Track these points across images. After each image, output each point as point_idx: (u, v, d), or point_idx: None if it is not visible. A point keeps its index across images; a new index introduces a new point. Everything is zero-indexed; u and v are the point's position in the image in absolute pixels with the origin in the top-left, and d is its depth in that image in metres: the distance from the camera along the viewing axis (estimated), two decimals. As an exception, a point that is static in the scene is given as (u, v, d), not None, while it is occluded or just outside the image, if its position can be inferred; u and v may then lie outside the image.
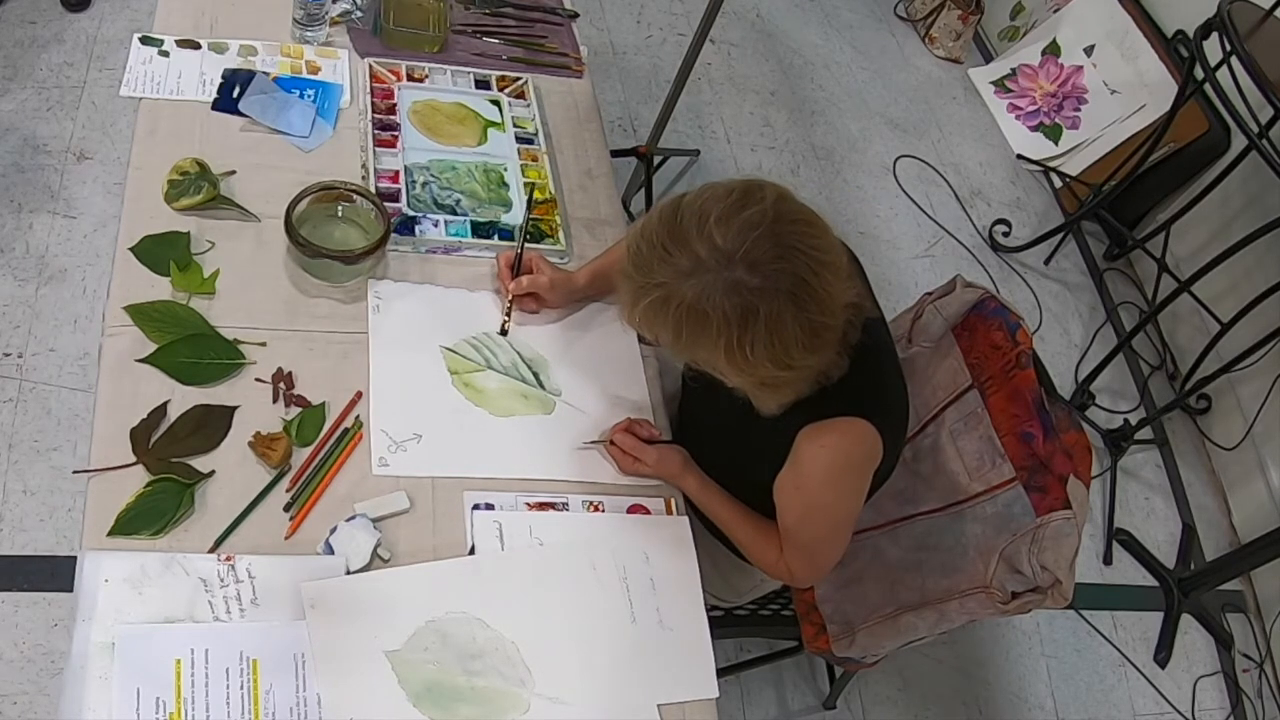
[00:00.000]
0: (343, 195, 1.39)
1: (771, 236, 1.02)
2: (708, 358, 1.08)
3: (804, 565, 1.31)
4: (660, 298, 1.04)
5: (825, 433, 1.17)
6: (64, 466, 1.86)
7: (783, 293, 1.02)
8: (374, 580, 1.14)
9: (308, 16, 1.60)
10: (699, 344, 1.06)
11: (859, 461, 1.20)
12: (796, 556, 1.30)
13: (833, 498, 1.23)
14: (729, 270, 1.01)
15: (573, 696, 1.13)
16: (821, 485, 1.21)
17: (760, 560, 1.35)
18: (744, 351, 1.03)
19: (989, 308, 1.40)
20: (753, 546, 1.34)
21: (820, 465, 1.19)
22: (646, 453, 1.30)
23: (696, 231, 1.03)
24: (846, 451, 1.19)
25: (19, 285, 2.06)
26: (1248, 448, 2.66)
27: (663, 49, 3.16)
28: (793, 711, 2.00)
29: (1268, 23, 2.21)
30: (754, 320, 1.02)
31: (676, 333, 1.06)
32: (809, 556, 1.30)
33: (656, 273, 1.05)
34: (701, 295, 1.02)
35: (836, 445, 1.18)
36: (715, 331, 1.03)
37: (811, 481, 1.21)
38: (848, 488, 1.22)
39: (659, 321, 1.06)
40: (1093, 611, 2.39)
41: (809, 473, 1.20)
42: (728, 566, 1.52)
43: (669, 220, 1.06)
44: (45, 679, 1.64)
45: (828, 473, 1.20)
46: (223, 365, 1.24)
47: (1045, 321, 2.95)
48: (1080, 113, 3.28)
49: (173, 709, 1.00)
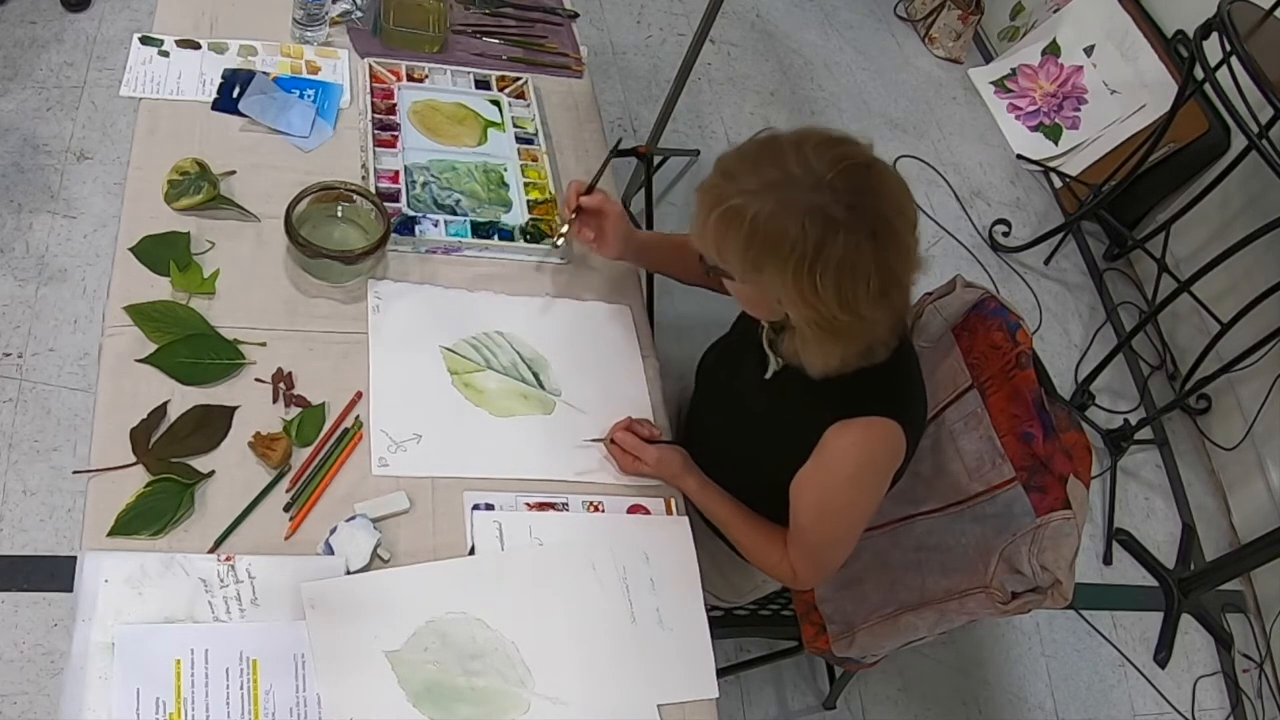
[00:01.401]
0: (343, 195, 1.39)
1: (865, 173, 1.02)
2: (772, 282, 1.04)
3: (809, 566, 1.30)
4: (738, 205, 1.01)
5: (855, 429, 1.17)
6: (64, 466, 1.86)
7: (865, 230, 1.00)
8: (374, 580, 1.14)
9: (308, 16, 1.61)
10: (767, 261, 1.02)
11: (884, 461, 1.20)
12: (803, 557, 1.29)
13: (853, 497, 1.22)
14: (817, 192, 0.99)
15: (573, 696, 1.13)
16: (845, 483, 1.20)
17: (762, 561, 1.35)
18: (813, 279, 1.00)
19: (989, 308, 1.40)
20: (754, 548, 1.34)
21: (848, 462, 1.18)
22: (647, 452, 1.30)
23: (793, 151, 1.02)
24: (874, 451, 1.18)
25: (19, 285, 2.06)
26: (1248, 448, 2.66)
27: (663, 49, 3.16)
28: (793, 711, 2.00)
29: (1268, 23, 2.21)
30: (831, 247, 0.99)
31: (746, 245, 1.02)
32: (816, 557, 1.29)
33: (741, 179, 1.02)
34: (782, 209, 0.99)
35: (865, 443, 1.17)
36: (789, 249, 1.00)
37: (836, 479, 1.20)
38: (869, 488, 1.22)
39: (731, 231, 1.03)
40: (1093, 611, 2.39)
41: (835, 470, 1.19)
42: (729, 566, 1.52)
43: (765, 139, 1.05)
44: (45, 679, 1.64)
45: (854, 470, 1.19)
46: (223, 365, 1.24)
47: (1045, 321, 2.95)
48: (1080, 113, 3.28)
49: (173, 709, 1.00)
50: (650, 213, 2.42)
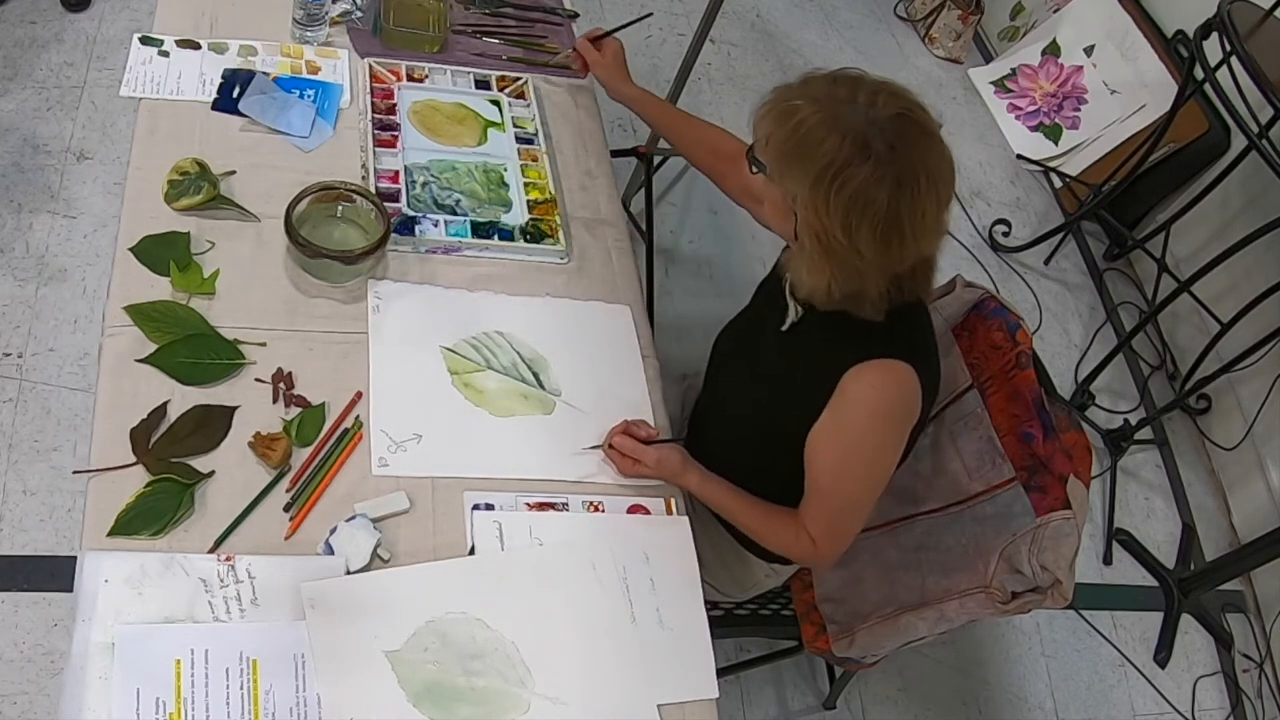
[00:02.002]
0: (343, 195, 1.39)
1: (919, 132, 1.10)
2: (796, 181, 1.10)
3: (827, 534, 1.28)
4: (796, 105, 1.10)
5: (871, 372, 1.18)
6: (64, 466, 1.86)
7: (893, 172, 1.06)
8: (374, 580, 1.14)
9: (308, 16, 1.60)
10: (796, 162, 1.09)
11: (901, 409, 1.21)
12: (820, 523, 1.28)
13: (872, 444, 1.22)
14: (870, 127, 1.06)
15: (573, 696, 1.13)
16: (864, 429, 1.21)
17: (777, 542, 1.33)
18: (829, 192, 1.07)
19: (989, 308, 1.40)
20: (767, 530, 1.33)
21: (864, 408, 1.19)
22: (646, 454, 1.30)
23: (868, 88, 1.10)
24: (891, 395, 1.19)
25: (19, 285, 2.06)
26: (1248, 448, 2.66)
27: (663, 49, 3.16)
28: (793, 711, 2.00)
29: (1268, 23, 2.21)
30: (856, 171, 1.06)
31: (786, 140, 1.10)
32: (833, 523, 1.28)
33: (812, 88, 1.11)
34: (830, 121, 1.07)
35: (882, 386, 1.19)
36: (819, 157, 1.07)
37: (854, 425, 1.21)
38: (886, 438, 1.22)
39: (780, 123, 1.10)
40: (1093, 611, 2.39)
41: (851, 415, 1.20)
42: (732, 557, 1.52)
43: (854, 73, 1.13)
44: (45, 679, 1.64)
45: (871, 416, 1.20)
46: (223, 365, 1.24)
47: (1045, 321, 2.95)
48: (1080, 113, 3.28)
49: (173, 709, 1.00)
50: (650, 213, 2.42)
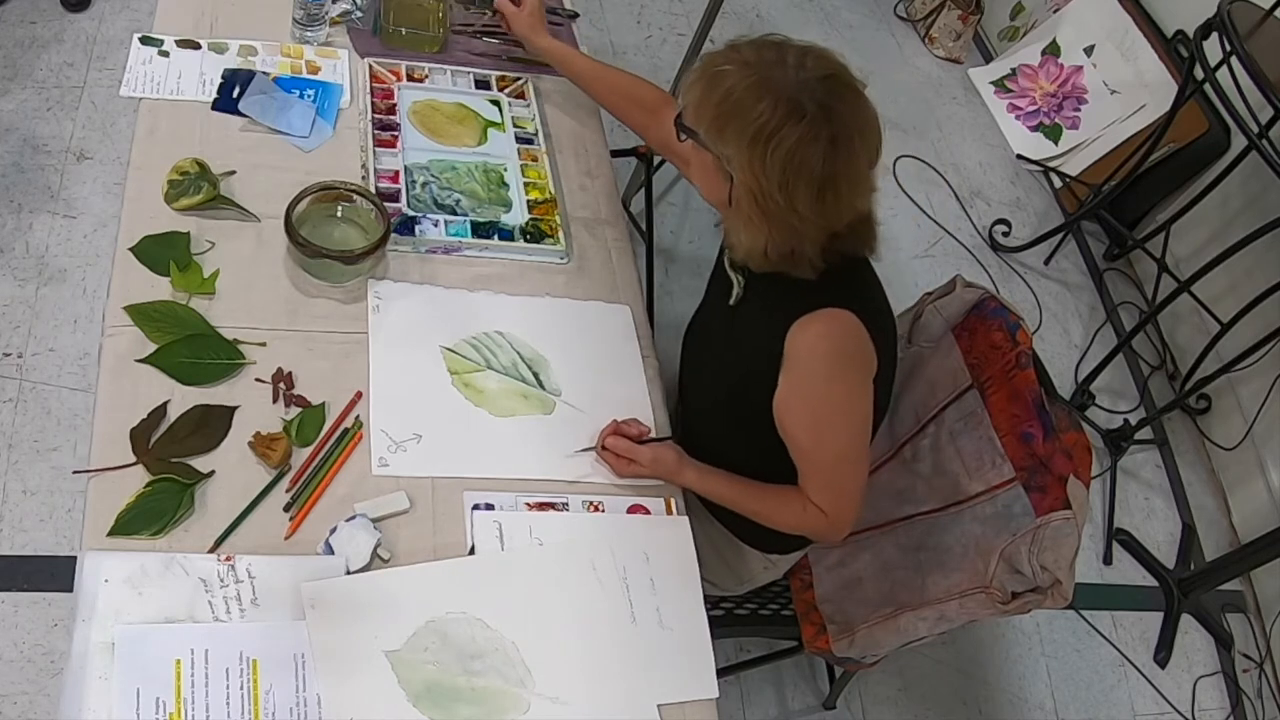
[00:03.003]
0: (343, 195, 1.39)
1: (846, 90, 1.11)
2: (730, 144, 1.11)
3: (832, 499, 1.27)
4: (726, 71, 1.11)
5: (813, 323, 1.19)
6: (64, 466, 1.86)
7: (825, 130, 1.08)
8: (374, 580, 1.14)
9: (308, 16, 1.60)
10: (730, 125, 1.10)
11: (852, 350, 1.21)
12: (822, 490, 1.27)
13: (838, 393, 1.22)
14: (797, 86, 1.08)
15: (573, 696, 1.13)
16: (823, 381, 1.21)
17: (786, 521, 1.32)
18: (764, 151, 1.08)
19: (989, 308, 1.40)
20: (774, 512, 1.33)
21: (815, 355, 1.20)
22: (640, 453, 1.30)
23: (795, 51, 1.12)
24: (838, 339, 1.20)
25: (19, 285, 2.06)
26: (1248, 448, 2.66)
27: (663, 49, 3.16)
28: (793, 711, 2.00)
29: (1268, 23, 2.21)
30: (790, 130, 1.07)
31: (719, 106, 1.11)
32: (834, 485, 1.27)
33: (741, 52, 1.12)
34: (761, 85, 1.09)
35: (827, 332, 1.19)
36: (753, 119, 1.08)
37: (812, 377, 1.21)
38: (849, 382, 1.22)
39: (712, 91, 1.11)
40: (1093, 611, 2.39)
41: (806, 367, 1.20)
42: (730, 553, 1.52)
43: (778, 38, 1.15)
44: (45, 679, 1.64)
45: (826, 364, 1.20)
46: (223, 365, 1.24)
47: (1045, 321, 2.95)
48: (1080, 113, 3.28)
49: (173, 709, 1.00)
50: (650, 213, 2.42)
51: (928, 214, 3.07)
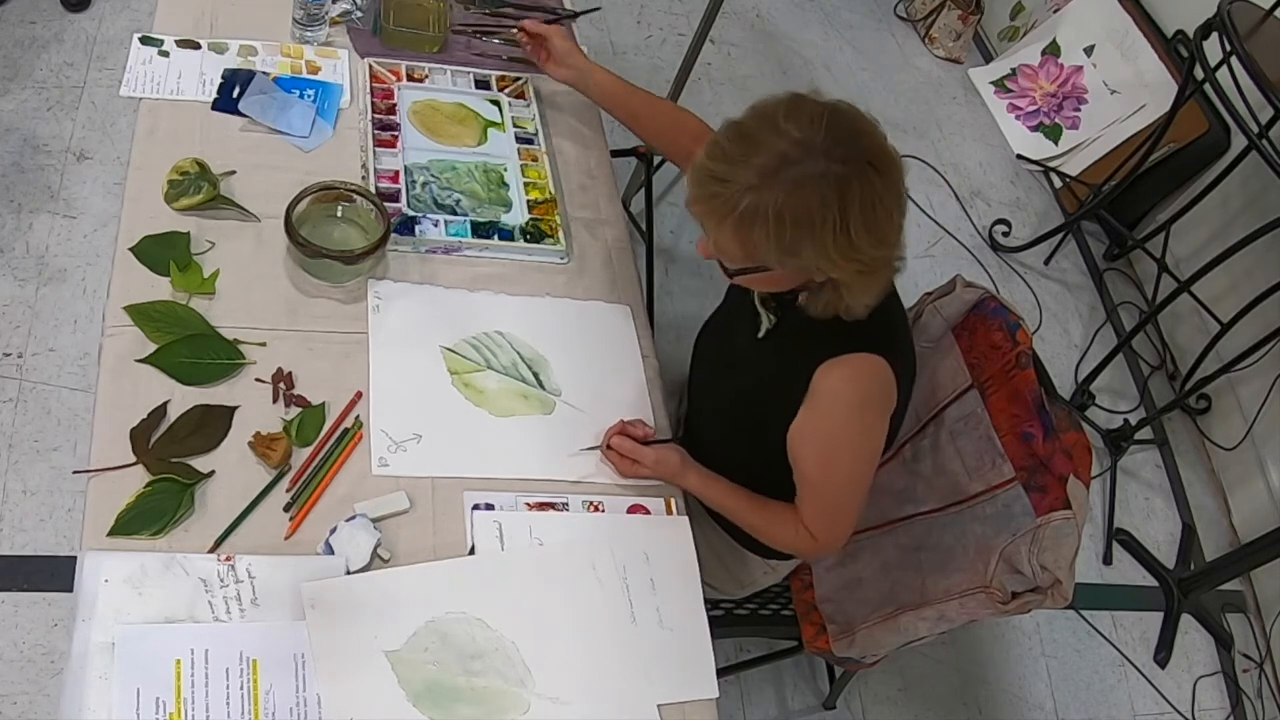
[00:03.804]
0: (343, 195, 1.39)
1: (840, 119, 1.07)
2: (811, 256, 1.07)
3: (824, 526, 1.28)
4: (752, 204, 1.04)
5: (842, 366, 1.18)
6: (64, 466, 1.86)
7: (866, 165, 1.05)
8: (374, 580, 1.14)
9: (308, 16, 1.60)
10: (801, 240, 1.06)
11: (877, 398, 1.21)
12: (816, 516, 1.28)
13: (853, 435, 1.22)
14: (815, 159, 1.03)
15: (573, 696, 1.13)
16: (843, 422, 1.21)
17: (777, 538, 1.33)
18: (848, 234, 1.05)
19: (989, 308, 1.40)
20: (767, 527, 1.33)
21: (840, 400, 1.19)
22: (644, 454, 1.30)
23: (770, 131, 1.05)
24: (865, 385, 1.19)
25: (19, 285, 2.06)
26: (1248, 448, 2.66)
27: (663, 49, 3.16)
28: (793, 711, 2.00)
29: (1268, 23, 2.21)
30: (851, 197, 1.03)
31: (777, 237, 1.05)
32: (830, 514, 1.28)
33: (738, 178, 1.05)
34: (795, 189, 1.03)
35: (855, 378, 1.19)
36: (819, 220, 1.04)
37: (831, 418, 1.20)
38: (866, 425, 1.22)
39: (754, 230, 1.06)
40: (1093, 611, 2.39)
41: (828, 408, 1.20)
42: (729, 556, 1.52)
43: (735, 132, 1.08)
44: (45, 679, 1.64)
45: (848, 408, 1.20)
46: (223, 365, 1.24)
47: (1045, 321, 2.95)
48: (1080, 113, 3.28)
49: (173, 709, 1.00)
50: (650, 213, 2.42)
51: (928, 214, 3.07)
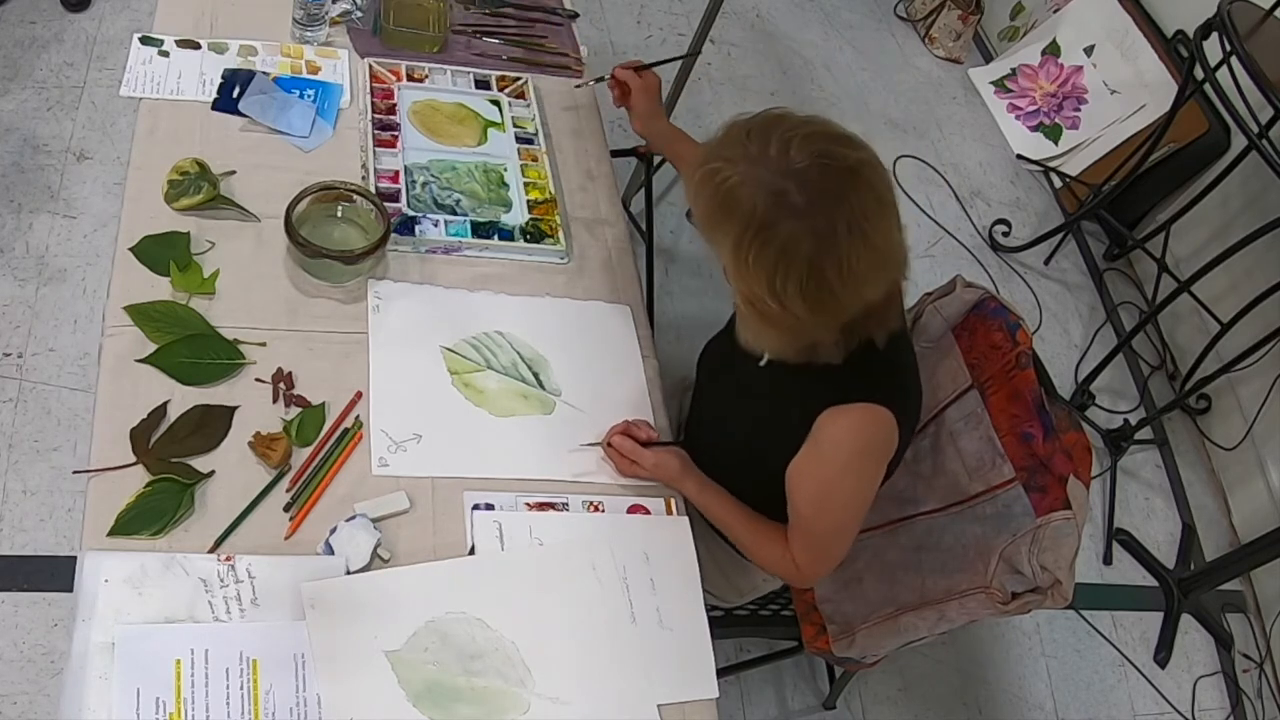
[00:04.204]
0: (343, 195, 1.39)
1: (839, 178, 1.03)
2: (721, 246, 1.08)
3: (811, 560, 1.29)
4: (717, 168, 1.06)
5: (847, 415, 1.18)
6: (64, 466, 1.86)
7: (811, 229, 1.02)
8: (374, 580, 1.14)
9: (308, 16, 1.61)
10: (719, 226, 1.07)
11: (878, 447, 1.21)
12: (805, 549, 1.29)
13: (850, 484, 1.22)
14: (783, 179, 1.03)
15: (573, 696, 1.13)
16: (841, 469, 1.21)
17: (764, 559, 1.34)
18: (748, 254, 1.04)
19: (989, 308, 1.40)
20: (755, 546, 1.34)
21: (842, 449, 1.19)
22: (644, 456, 1.30)
23: (781, 133, 1.05)
24: (868, 436, 1.19)
25: (19, 285, 2.06)
26: (1248, 448, 2.66)
27: (663, 49, 3.16)
28: (793, 711, 2.00)
29: (1268, 23, 2.21)
30: (773, 230, 1.02)
31: (709, 208, 1.07)
32: (818, 549, 1.28)
33: (729, 147, 1.07)
34: (744, 182, 1.04)
35: (859, 429, 1.18)
36: (736, 221, 1.04)
37: (831, 466, 1.20)
38: (865, 474, 1.22)
39: (704, 189, 1.08)
40: (1093, 611, 2.39)
41: (829, 455, 1.20)
42: (729, 565, 1.52)
43: (770, 118, 1.09)
44: (45, 679, 1.64)
45: (848, 456, 1.20)
46: (223, 365, 1.24)
47: (1045, 321, 2.95)
48: (1080, 113, 3.28)
49: (173, 709, 1.00)
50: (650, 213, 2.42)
51: (928, 214, 3.07)
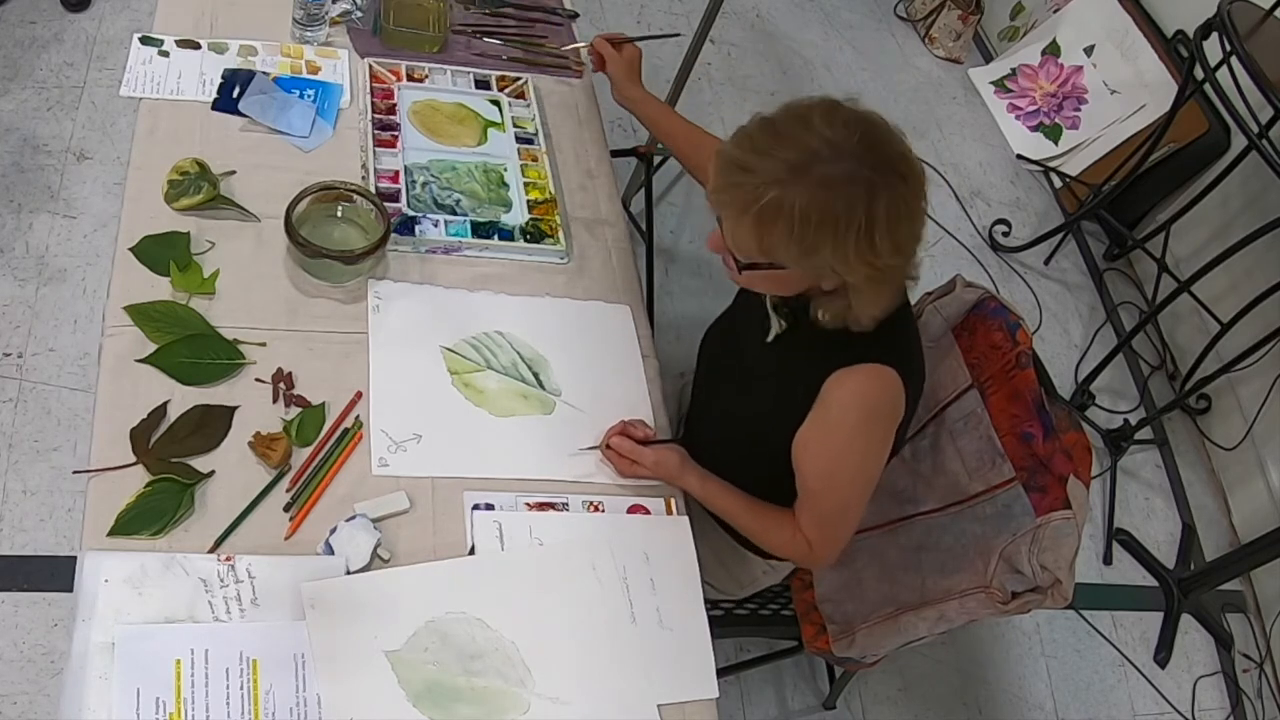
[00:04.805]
0: (343, 195, 1.39)
1: (872, 127, 1.06)
2: (829, 257, 1.05)
3: (822, 535, 1.28)
4: (775, 198, 1.03)
5: (854, 376, 1.17)
6: (64, 466, 1.86)
7: (895, 178, 1.04)
8: (374, 580, 1.14)
9: (308, 16, 1.61)
10: (822, 241, 1.04)
11: (886, 409, 1.20)
12: (814, 525, 1.28)
13: (859, 447, 1.21)
14: (844, 161, 1.02)
15: (573, 696, 1.13)
16: (850, 432, 1.20)
17: (774, 543, 1.33)
18: (871, 241, 1.04)
19: (989, 308, 1.40)
20: (764, 532, 1.33)
21: (849, 410, 1.18)
22: (643, 455, 1.30)
23: (802, 128, 1.04)
24: (875, 397, 1.18)
25: (19, 285, 2.06)
26: (1248, 448, 2.66)
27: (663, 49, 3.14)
28: (793, 711, 2.00)
29: (1268, 23, 2.21)
30: (879, 202, 1.02)
31: (800, 234, 1.04)
32: (828, 524, 1.27)
33: (765, 170, 1.03)
34: (820, 188, 1.02)
35: (866, 389, 1.18)
36: (844, 222, 1.02)
37: (840, 428, 1.20)
38: (873, 437, 1.21)
39: (776, 225, 1.04)
40: (1093, 611, 2.39)
41: (836, 420, 1.19)
42: (730, 557, 1.52)
43: (766, 125, 1.07)
44: (45, 679, 1.64)
45: (857, 418, 1.19)
46: (223, 365, 1.24)
47: (1045, 321, 2.95)
48: (1080, 113, 3.28)
49: (173, 709, 1.00)
50: (650, 213, 2.42)
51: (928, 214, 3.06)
